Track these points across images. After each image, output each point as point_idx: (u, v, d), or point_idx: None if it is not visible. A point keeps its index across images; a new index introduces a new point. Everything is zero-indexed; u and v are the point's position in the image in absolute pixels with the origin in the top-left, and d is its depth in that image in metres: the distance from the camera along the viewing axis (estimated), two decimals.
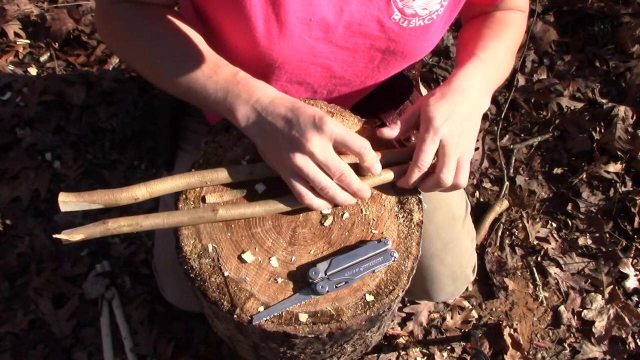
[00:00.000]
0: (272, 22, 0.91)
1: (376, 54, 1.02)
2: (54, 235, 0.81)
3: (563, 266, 1.87)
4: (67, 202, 0.81)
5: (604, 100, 2.11)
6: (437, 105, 0.90)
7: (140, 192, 0.85)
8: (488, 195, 1.97)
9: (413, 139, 1.14)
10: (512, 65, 1.09)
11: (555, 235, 1.92)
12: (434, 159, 0.90)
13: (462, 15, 1.17)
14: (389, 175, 0.92)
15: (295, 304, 0.85)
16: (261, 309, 0.85)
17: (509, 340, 1.71)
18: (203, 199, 0.90)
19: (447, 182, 0.89)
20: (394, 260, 0.88)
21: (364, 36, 0.98)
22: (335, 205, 0.89)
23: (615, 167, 1.99)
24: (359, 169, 0.89)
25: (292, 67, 1.00)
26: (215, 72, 0.89)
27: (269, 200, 0.88)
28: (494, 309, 1.80)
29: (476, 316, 1.78)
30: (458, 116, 0.89)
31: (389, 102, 1.22)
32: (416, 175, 0.90)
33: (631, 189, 1.97)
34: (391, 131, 0.92)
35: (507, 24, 1.08)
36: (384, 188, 0.95)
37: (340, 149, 0.85)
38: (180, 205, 0.90)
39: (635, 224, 1.92)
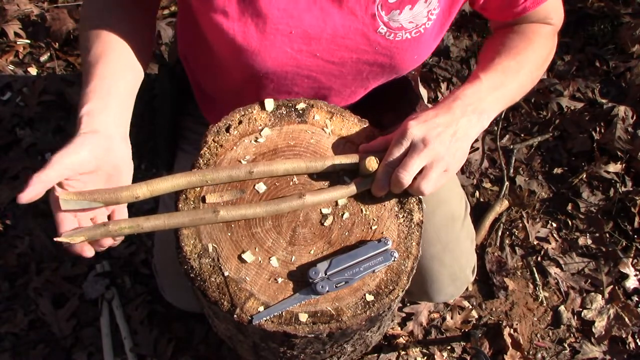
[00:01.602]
0: (252, 34, 0.93)
1: (364, 67, 1.02)
2: (55, 239, 0.81)
3: (563, 266, 1.87)
4: (68, 200, 0.81)
5: (604, 100, 2.11)
6: (419, 113, 0.90)
7: (141, 190, 0.85)
8: (488, 195, 1.97)
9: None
10: (533, 80, 1.04)
11: (555, 235, 1.92)
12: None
13: (490, 24, 1.16)
14: (352, 188, 0.91)
15: (295, 304, 0.85)
16: (261, 309, 0.85)
17: (509, 340, 1.71)
18: (203, 199, 0.90)
19: (402, 180, 0.86)
20: (394, 260, 0.88)
21: (350, 50, 0.98)
22: None
23: (615, 167, 1.99)
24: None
25: (278, 77, 1.01)
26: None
27: (270, 201, 0.88)
28: (494, 309, 1.80)
29: (476, 316, 1.78)
30: (435, 125, 0.88)
31: (388, 101, 1.22)
32: (382, 176, 0.89)
33: (631, 189, 1.97)
34: (371, 145, 0.94)
35: (528, 40, 1.03)
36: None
37: None
38: (180, 206, 0.90)
39: (635, 224, 1.92)
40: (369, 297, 0.87)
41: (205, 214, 0.86)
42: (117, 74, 0.92)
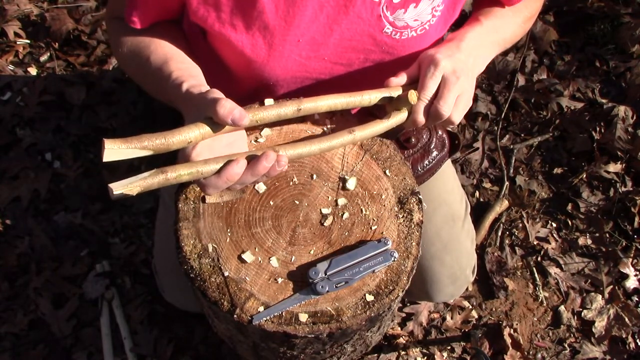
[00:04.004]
0: (260, 46, 0.94)
1: (371, 66, 1.03)
2: (111, 185, 0.72)
3: (563, 266, 1.87)
4: (114, 148, 0.71)
5: (604, 100, 2.11)
6: (437, 49, 0.93)
7: (194, 134, 0.78)
8: (488, 195, 1.97)
9: (413, 140, 1.14)
10: (524, 29, 1.12)
11: (555, 235, 1.92)
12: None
13: None
14: (403, 114, 0.93)
15: (295, 304, 0.85)
16: (261, 309, 0.85)
17: (509, 340, 1.71)
18: (203, 199, 0.90)
19: (444, 113, 0.90)
20: (394, 260, 0.88)
21: (357, 51, 0.99)
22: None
23: (615, 167, 1.99)
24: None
25: (287, 82, 1.02)
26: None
27: (322, 137, 0.88)
28: (494, 309, 1.80)
29: (476, 316, 1.78)
30: (457, 60, 0.92)
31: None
32: (421, 109, 0.91)
33: (631, 189, 1.97)
34: (397, 79, 0.94)
35: None
36: (383, 185, 0.95)
37: None
38: (180, 205, 0.91)
39: (635, 224, 1.91)
40: (369, 297, 0.87)
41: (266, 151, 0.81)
42: (191, 64, 0.95)
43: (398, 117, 0.93)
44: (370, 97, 0.92)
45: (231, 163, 0.77)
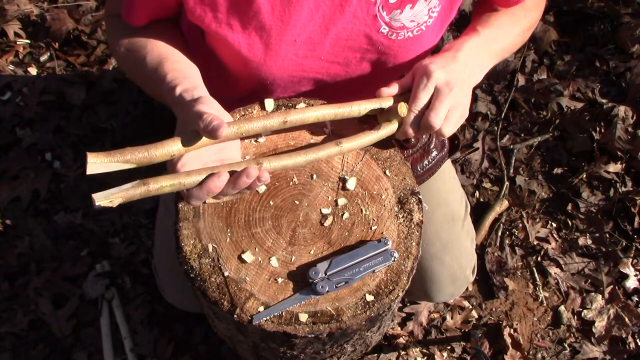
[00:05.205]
0: (257, 45, 0.94)
1: (368, 66, 1.03)
2: (93, 196, 0.72)
3: (563, 266, 1.87)
4: (97, 162, 0.72)
5: (604, 100, 2.11)
6: (432, 59, 0.92)
7: (177, 147, 0.79)
8: (488, 195, 1.97)
9: (413, 140, 1.14)
10: (524, 39, 1.11)
11: (555, 235, 1.92)
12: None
13: None
14: (393, 126, 0.92)
15: (295, 304, 0.85)
16: (261, 309, 0.85)
17: (509, 340, 1.71)
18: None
19: (434, 124, 0.89)
20: (394, 260, 0.88)
21: (354, 50, 0.99)
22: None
23: (615, 167, 1.99)
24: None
25: (284, 82, 1.03)
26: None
27: (309, 149, 0.87)
28: (494, 309, 1.80)
29: (476, 316, 1.78)
30: (452, 71, 0.91)
31: None
32: (411, 120, 0.90)
33: (631, 189, 1.97)
34: (389, 89, 0.93)
35: (522, 3, 1.08)
36: (383, 185, 0.95)
37: None
38: (180, 205, 0.91)
39: (635, 224, 1.91)
40: (369, 297, 0.87)
41: (249, 164, 0.81)
42: (186, 64, 0.94)
43: (388, 129, 0.93)
44: (359, 108, 0.92)
45: (212, 177, 0.78)
